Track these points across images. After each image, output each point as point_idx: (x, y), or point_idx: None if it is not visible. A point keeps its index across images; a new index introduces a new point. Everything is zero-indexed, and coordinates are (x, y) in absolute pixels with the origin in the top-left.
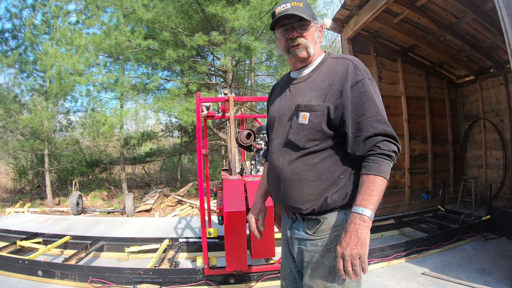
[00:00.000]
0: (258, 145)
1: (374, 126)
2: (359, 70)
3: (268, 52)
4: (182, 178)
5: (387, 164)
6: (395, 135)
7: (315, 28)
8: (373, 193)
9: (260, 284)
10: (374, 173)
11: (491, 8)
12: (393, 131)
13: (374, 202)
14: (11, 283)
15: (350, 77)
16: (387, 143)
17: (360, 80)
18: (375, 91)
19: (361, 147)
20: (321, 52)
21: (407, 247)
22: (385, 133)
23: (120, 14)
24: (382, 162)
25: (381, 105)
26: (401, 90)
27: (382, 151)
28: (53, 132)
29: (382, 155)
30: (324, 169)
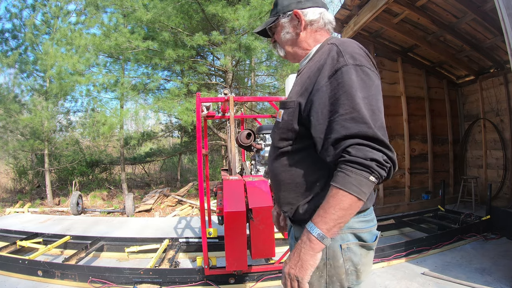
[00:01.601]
0: (258, 145)
1: (346, 126)
2: (342, 56)
3: (268, 52)
4: (182, 178)
5: (360, 176)
6: (378, 138)
7: (282, 24)
8: (330, 209)
9: (260, 284)
10: (337, 185)
11: (491, 8)
12: (376, 133)
13: (328, 221)
14: (11, 283)
15: (329, 65)
16: (363, 148)
17: (339, 68)
18: (361, 80)
19: (331, 152)
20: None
21: (407, 247)
22: (361, 134)
23: (120, 14)
24: (352, 172)
25: (367, 97)
26: (401, 90)
27: (353, 158)
28: (53, 132)
29: (353, 163)
30: (298, 173)
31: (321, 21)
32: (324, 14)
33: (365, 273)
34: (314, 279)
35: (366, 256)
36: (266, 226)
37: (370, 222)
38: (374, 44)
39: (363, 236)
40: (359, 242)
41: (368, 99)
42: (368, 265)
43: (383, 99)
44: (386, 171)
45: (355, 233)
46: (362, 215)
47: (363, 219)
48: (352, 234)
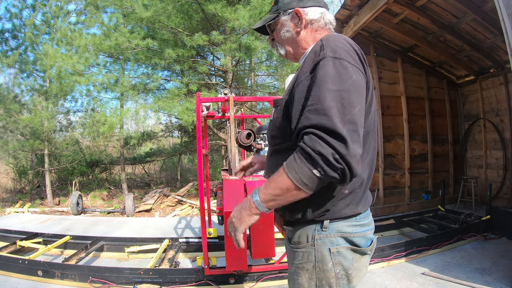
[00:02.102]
0: (258, 145)
1: (308, 117)
2: (323, 50)
3: (268, 52)
4: (182, 178)
5: (304, 166)
6: (336, 131)
7: (282, 22)
8: (271, 183)
9: (260, 284)
10: (284, 165)
11: (491, 8)
12: (335, 127)
13: (266, 193)
14: (11, 283)
15: (311, 59)
16: (314, 139)
17: (318, 62)
18: (336, 73)
19: (296, 141)
20: (316, 38)
21: (407, 247)
22: (318, 125)
23: (120, 14)
24: (296, 157)
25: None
26: (401, 90)
27: (302, 145)
28: (53, 132)
29: (301, 150)
30: None
31: (321, 20)
32: (325, 14)
33: (357, 277)
34: (304, 280)
35: (359, 260)
36: (266, 226)
37: (364, 227)
38: (374, 44)
39: (356, 241)
40: (351, 246)
41: (340, 92)
42: (361, 270)
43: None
44: (336, 172)
45: (346, 237)
46: (354, 219)
47: (356, 223)
48: (343, 238)
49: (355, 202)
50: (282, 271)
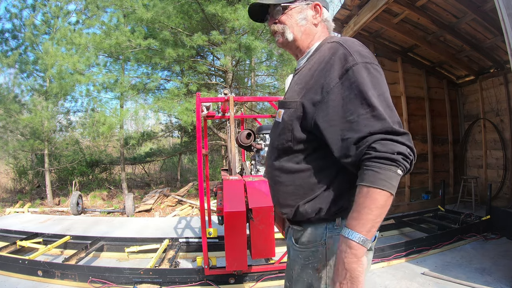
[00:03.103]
0: (258, 145)
1: (369, 124)
2: (350, 55)
3: (268, 52)
4: (182, 178)
5: (389, 171)
6: (400, 132)
7: (300, 8)
8: (364, 210)
9: (260, 284)
10: (368, 184)
11: (491, 8)
12: (396, 127)
13: (365, 222)
14: (11, 283)
15: (338, 65)
16: (388, 143)
17: (350, 67)
18: (373, 78)
19: (353, 151)
20: (321, 37)
21: (407, 247)
22: (384, 130)
23: (120, 14)
24: (380, 168)
25: (382, 95)
26: (401, 90)
27: (379, 153)
28: (53, 132)
29: (381, 159)
30: (299, 174)
31: (330, 22)
32: (330, 16)
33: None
34: (314, 279)
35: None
36: (266, 226)
37: None
38: (374, 44)
39: None
40: None
41: (383, 96)
42: (367, 266)
43: None
44: (409, 163)
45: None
46: None
47: None
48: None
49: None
50: (282, 271)
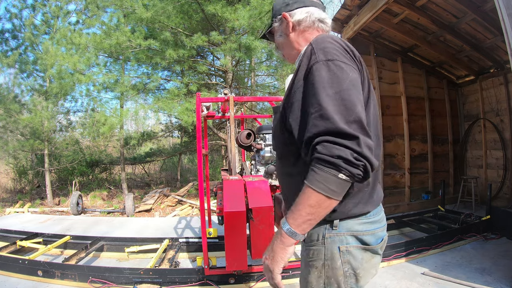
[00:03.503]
0: (258, 145)
1: (315, 124)
2: (314, 53)
3: (268, 52)
4: (182, 178)
5: (327, 173)
6: (346, 133)
7: (276, 28)
8: (299, 206)
9: (260, 284)
10: (306, 182)
11: (491, 8)
12: (343, 128)
13: (297, 217)
14: (11, 283)
15: (304, 65)
16: (328, 145)
17: (312, 66)
18: (333, 75)
19: (305, 151)
20: (306, 39)
21: (407, 247)
22: (328, 131)
23: (120, 14)
24: (319, 169)
25: (338, 93)
26: (401, 90)
27: (319, 155)
28: (53, 132)
29: (320, 160)
30: (295, 177)
31: (308, 19)
32: (311, 13)
33: (365, 277)
34: (313, 278)
35: (368, 261)
36: (266, 226)
37: (374, 224)
38: (374, 44)
39: (366, 239)
40: (361, 245)
41: (340, 94)
42: (369, 270)
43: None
44: (360, 169)
45: (356, 236)
46: (364, 217)
47: (366, 220)
48: (353, 236)
49: (363, 201)
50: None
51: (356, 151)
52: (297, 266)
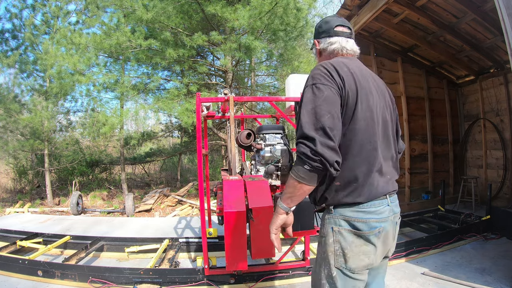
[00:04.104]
0: (258, 145)
1: (298, 132)
2: (308, 79)
3: (268, 52)
4: (182, 178)
5: (298, 165)
6: (308, 136)
7: (313, 50)
8: (286, 189)
9: (260, 284)
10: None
11: (491, 8)
12: (308, 134)
13: (284, 194)
14: (11, 283)
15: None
16: (300, 145)
17: (304, 88)
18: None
19: None
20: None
21: (407, 247)
22: (301, 136)
23: (120, 14)
24: (295, 163)
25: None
26: (401, 90)
27: (296, 152)
28: (53, 132)
29: (297, 156)
30: None
31: (328, 49)
32: (332, 43)
33: (354, 260)
34: (318, 250)
35: (359, 246)
36: (266, 226)
37: (368, 214)
38: (374, 44)
39: (357, 225)
40: (352, 229)
41: (315, 109)
42: (359, 255)
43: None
44: (317, 163)
45: (348, 221)
46: (356, 207)
47: (357, 209)
48: (345, 221)
49: (356, 194)
50: (282, 271)
51: (313, 149)
52: (297, 266)
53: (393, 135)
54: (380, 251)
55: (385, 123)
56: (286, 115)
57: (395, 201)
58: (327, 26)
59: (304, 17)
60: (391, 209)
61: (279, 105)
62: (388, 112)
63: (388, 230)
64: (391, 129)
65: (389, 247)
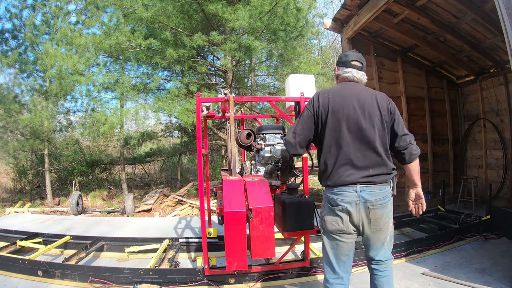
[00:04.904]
0: (258, 145)
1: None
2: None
3: (268, 52)
4: (182, 178)
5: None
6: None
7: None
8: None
9: (260, 284)
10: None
11: (491, 8)
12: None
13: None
14: (11, 283)
15: None
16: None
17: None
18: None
19: None
20: None
21: (407, 247)
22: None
23: (120, 14)
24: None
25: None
26: (401, 90)
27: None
28: (53, 132)
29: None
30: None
31: (340, 76)
32: (345, 72)
33: (328, 224)
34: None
35: (331, 215)
36: (266, 226)
37: (335, 195)
38: (374, 44)
39: (330, 201)
40: (328, 203)
41: (295, 123)
42: (331, 221)
43: None
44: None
45: (327, 198)
46: (330, 189)
47: (331, 191)
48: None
49: (327, 179)
50: (282, 271)
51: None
52: (297, 266)
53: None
54: (347, 222)
55: (360, 130)
56: (286, 115)
57: (369, 191)
58: (346, 59)
59: (304, 17)
60: (359, 196)
61: (279, 105)
62: (367, 121)
63: (351, 210)
64: (368, 136)
65: (358, 222)
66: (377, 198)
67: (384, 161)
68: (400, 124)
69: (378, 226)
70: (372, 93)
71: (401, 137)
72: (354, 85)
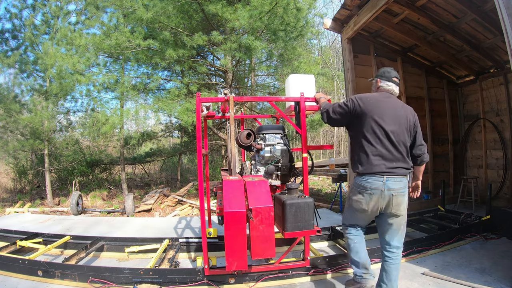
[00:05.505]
0: (258, 145)
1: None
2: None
3: (268, 52)
4: (182, 178)
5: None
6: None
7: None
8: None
9: (260, 284)
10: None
11: (491, 8)
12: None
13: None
14: (11, 283)
15: None
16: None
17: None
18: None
19: None
20: None
21: (407, 247)
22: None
23: (120, 14)
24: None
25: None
26: (401, 90)
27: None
28: (53, 132)
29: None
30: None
31: (385, 87)
32: (386, 84)
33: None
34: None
35: (357, 196)
36: (266, 226)
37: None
38: (374, 44)
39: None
40: (356, 187)
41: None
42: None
43: None
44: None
45: (356, 182)
46: (360, 176)
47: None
48: (356, 182)
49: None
50: (282, 271)
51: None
52: (297, 266)
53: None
54: (370, 204)
55: (391, 132)
56: (286, 115)
57: (392, 180)
58: (389, 75)
59: (304, 17)
60: (384, 184)
61: (279, 105)
62: (398, 128)
63: (376, 194)
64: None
65: (380, 206)
66: (398, 187)
67: (405, 159)
68: (419, 135)
69: (398, 212)
70: (405, 108)
71: (418, 146)
72: (392, 96)
